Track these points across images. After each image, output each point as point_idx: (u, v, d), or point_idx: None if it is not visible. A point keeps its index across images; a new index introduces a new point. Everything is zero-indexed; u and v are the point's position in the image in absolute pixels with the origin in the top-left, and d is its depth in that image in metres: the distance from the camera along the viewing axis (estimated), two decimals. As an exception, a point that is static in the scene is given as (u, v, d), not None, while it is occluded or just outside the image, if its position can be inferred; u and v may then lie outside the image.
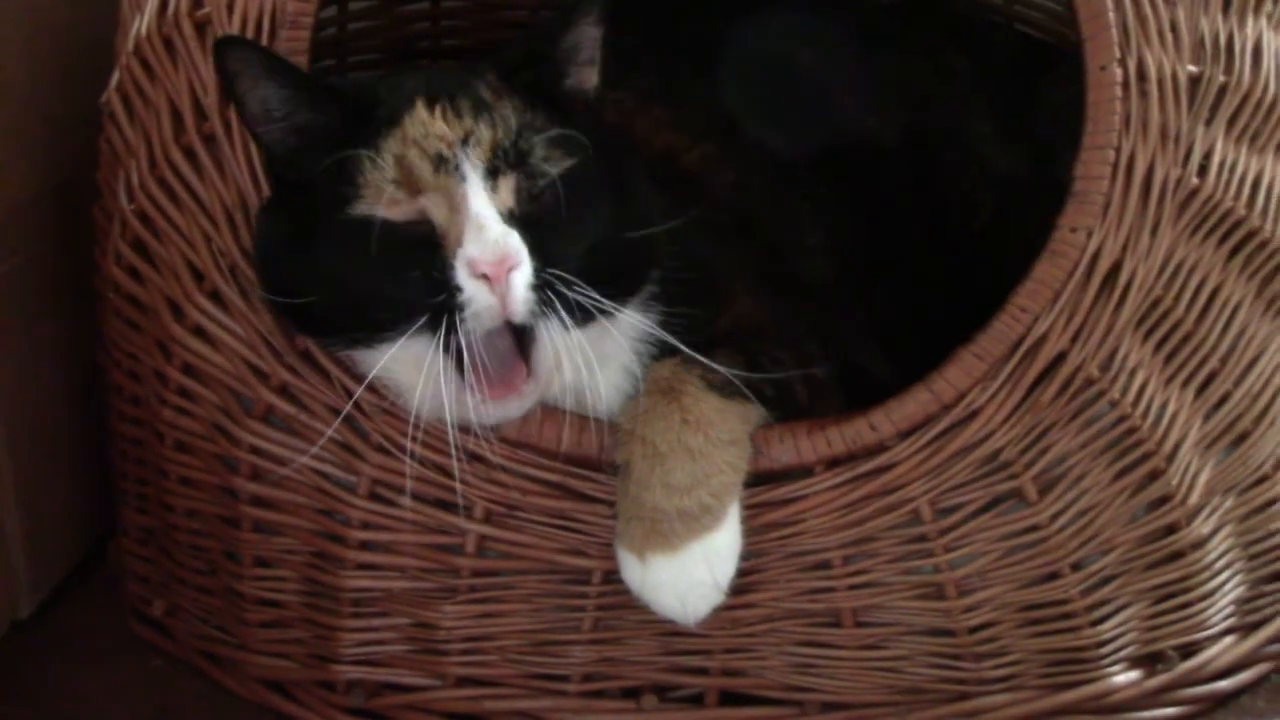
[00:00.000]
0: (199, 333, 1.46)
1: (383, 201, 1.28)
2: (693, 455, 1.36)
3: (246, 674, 1.56)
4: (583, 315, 1.29)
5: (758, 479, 1.41)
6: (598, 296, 1.29)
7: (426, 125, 1.29)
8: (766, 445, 1.40)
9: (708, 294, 1.42)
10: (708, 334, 1.40)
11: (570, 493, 1.42)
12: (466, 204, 1.27)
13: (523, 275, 1.27)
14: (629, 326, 1.37)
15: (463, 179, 1.27)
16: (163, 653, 1.62)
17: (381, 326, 1.30)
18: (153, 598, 1.63)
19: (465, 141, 1.28)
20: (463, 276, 1.27)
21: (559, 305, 1.28)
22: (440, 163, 1.28)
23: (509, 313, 1.27)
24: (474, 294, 1.26)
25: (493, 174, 1.28)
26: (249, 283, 1.41)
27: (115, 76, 1.53)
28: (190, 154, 1.45)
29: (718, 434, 1.37)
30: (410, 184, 1.28)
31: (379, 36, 1.94)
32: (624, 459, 1.38)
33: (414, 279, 1.28)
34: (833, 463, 1.41)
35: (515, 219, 1.28)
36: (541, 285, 1.27)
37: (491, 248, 1.26)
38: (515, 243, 1.27)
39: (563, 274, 1.28)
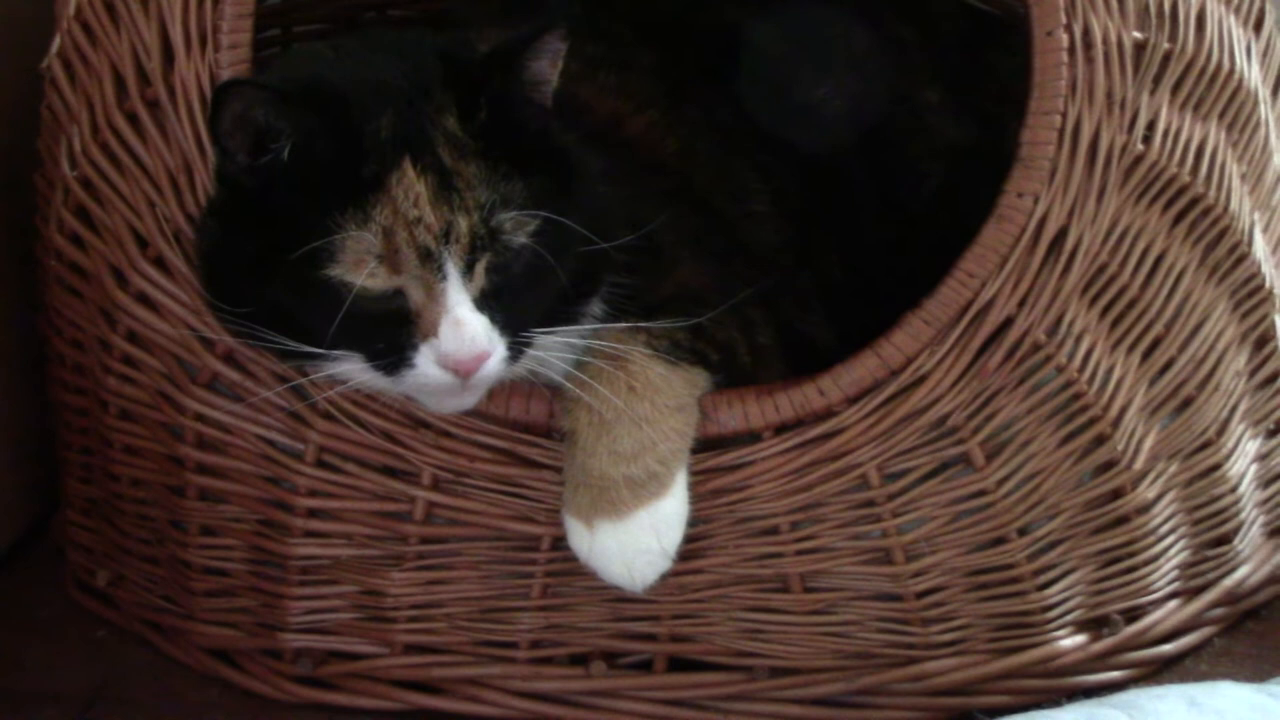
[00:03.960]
0: (143, 299, 1.45)
1: (362, 273, 1.25)
2: (639, 422, 1.36)
3: (192, 643, 1.54)
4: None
5: (706, 444, 1.41)
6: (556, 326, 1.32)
7: (418, 203, 1.26)
8: (715, 410, 1.40)
9: (651, 261, 1.42)
10: (651, 301, 1.39)
11: (518, 459, 1.41)
12: (445, 299, 1.26)
13: (494, 362, 1.28)
14: None
15: (444, 277, 1.26)
16: (107, 623, 1.61)
17: (327, 358, 1.30)
18: (97, 568, 1.62)
19: (446, 236, 1.26)
20: (428, 360, 1.27)
21: (520, 352, 1.30)
22: (426, 256, 1.26)
23: (469, 386, 1.29)
24: (438, 377, 1.27)
25: (470, 266, 1.27)
26: (192, 249, 1.40)
27: (56, 41, 1.51)
28: (133, 119, 1.43)
29: (664, 400, 1.37)
30: (393, 265, 1.26)
31: (324, 6, 1.92)
32: (570, 426, 1.38)
33: (378, 349, 1.28)
34: (781, 428, 1.41)
35: (486, 297, 1.28)
36: (509, 352, 1.29)
37: (468, 346, 1.26)
38: (489, 337, 1.27)
39: (528, 335, 1.30)
